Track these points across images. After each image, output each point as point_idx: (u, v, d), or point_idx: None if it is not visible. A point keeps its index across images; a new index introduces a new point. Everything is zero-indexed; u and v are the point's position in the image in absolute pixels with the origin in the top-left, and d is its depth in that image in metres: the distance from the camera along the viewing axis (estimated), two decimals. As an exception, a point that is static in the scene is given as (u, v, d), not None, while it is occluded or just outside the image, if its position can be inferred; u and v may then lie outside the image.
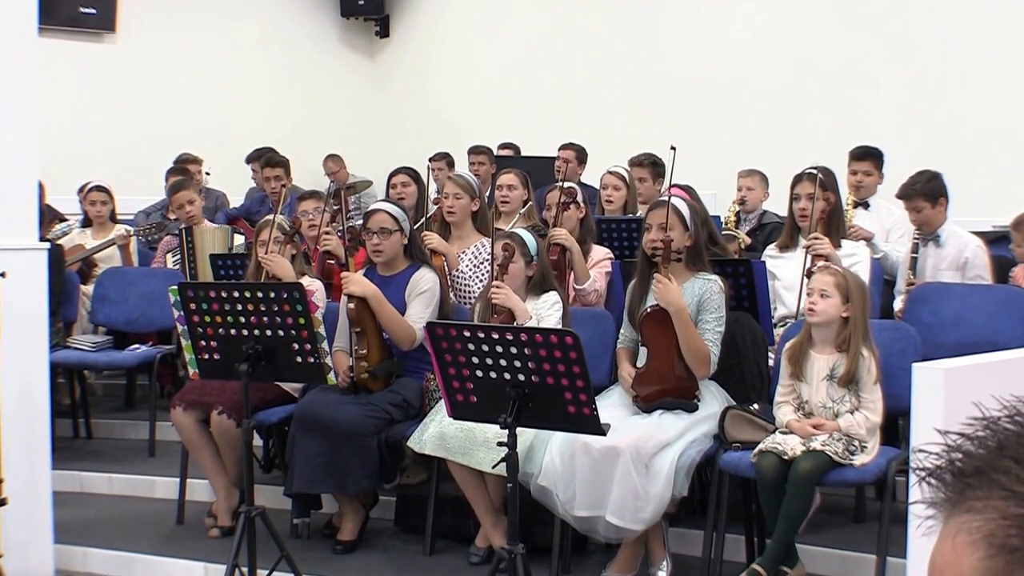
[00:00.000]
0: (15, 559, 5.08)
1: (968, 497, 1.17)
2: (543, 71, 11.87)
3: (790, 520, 4.73)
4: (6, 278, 4.91)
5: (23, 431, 5.25)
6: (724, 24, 10.53)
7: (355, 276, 5.68)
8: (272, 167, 9.32)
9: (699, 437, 5.06)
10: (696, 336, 5.08)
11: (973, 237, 6.53)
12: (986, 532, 1.13)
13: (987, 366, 4.15)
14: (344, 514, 5.80)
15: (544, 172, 8.45)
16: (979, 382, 3.95)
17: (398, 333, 5.67)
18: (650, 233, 5.27)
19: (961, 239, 6.47)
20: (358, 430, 5.49)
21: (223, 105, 12.35)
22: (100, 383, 9.06)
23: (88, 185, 8.79)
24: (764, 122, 9.97)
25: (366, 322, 5.66)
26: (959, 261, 6.41)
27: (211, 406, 5.84)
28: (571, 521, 5.02)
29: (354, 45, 13.71)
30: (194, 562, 5.64)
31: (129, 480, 6.89)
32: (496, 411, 4.15)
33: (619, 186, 7.48)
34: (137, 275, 8.12)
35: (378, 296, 5.64)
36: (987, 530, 1.13)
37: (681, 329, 5.05)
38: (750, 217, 8.00)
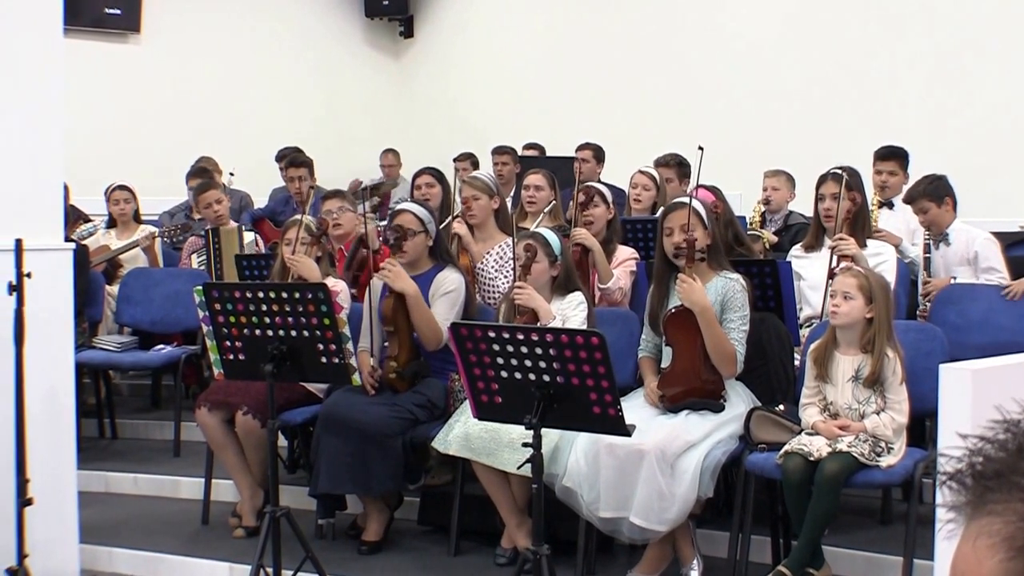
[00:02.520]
0: (41, 559, 5.09)
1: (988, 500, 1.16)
2: (567, 71, 11.86)
3: (816, 521, 4.71)
4: (32, 278, 4.92)
5: (49, 431, 5.27)
6: (749, 23, 10.49)
7: (400, 270, 5.67)
8: (296, 167, 9.33)
9: (724, 438, 5.05)
10: (722, 335, 5.06)
11: (980, 231, 6.54)
12: (1006, 535, 1.13)
13: (1015, 367, 4.12)
14: (369, 514, 5.80)
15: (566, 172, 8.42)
16: (1006, 383, 3.93)
17: (427, 334, 5.66)
18: (672, 237, 5.25)
19: (968, 234, 6.48)
20: (383, 431, 5.49)
21: (247, 105, 12.38)
22: (125, 383, 9.09)
23: (112, 185, 8.83)
24: (790, 122, 9.94)
25: (399, 321, 5.66)
26: (968, 256, 6.42)
27: (236, 406, 5.85)
28: (595, 522, 5.01)
29: (378, 45, 13.73)
30: (219, 562, 5.65)
31: (154, 480, 6.91)
32: (521, 412, 4.15)
33: (648, 186, 7.48)
34: (162, 276, 8.15)
35: (418, 295, 5.64)
36: (1007, 533, 1.13)
37: (707, 329, 5.04)
38: (776, 217, 7.98)
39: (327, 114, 12.86)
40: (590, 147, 9.81)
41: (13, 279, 4.86)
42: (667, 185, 7.78)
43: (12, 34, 5.23)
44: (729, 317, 5.12)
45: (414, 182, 8.09)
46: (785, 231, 7.76)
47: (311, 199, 8.28)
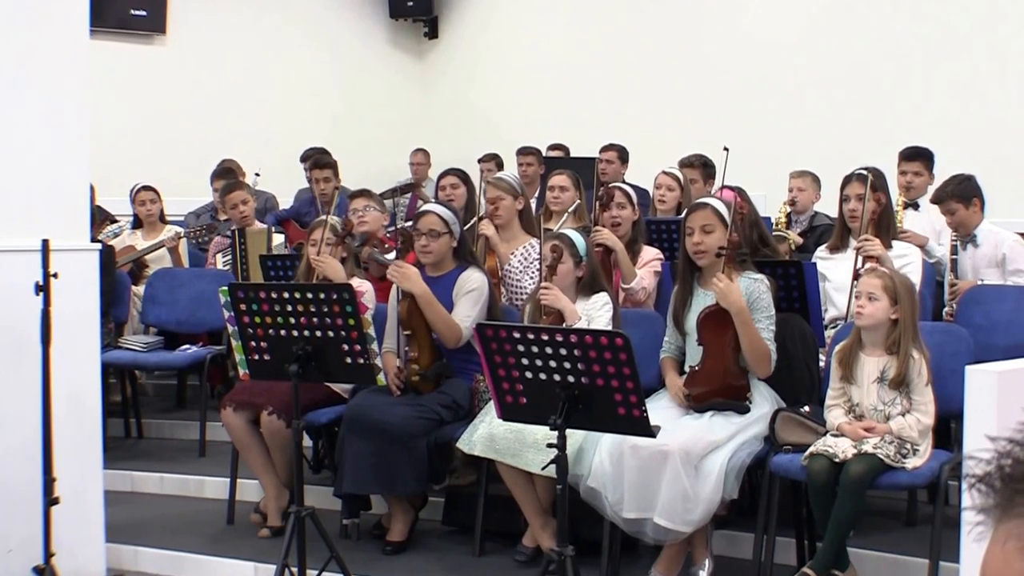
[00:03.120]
0: (67, 558, 5.12)
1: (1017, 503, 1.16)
2: (592, 71, 11.85)
3: (841, 523, 4.69)
4: (58, 279, 4.94)
5: (75, 431, 5.29)
6: (773, 23, 10.47)
7: (410, 271, 5.68)
8: (321, 168, 9.35)
9: (749, 439, 5.04)
10: (758, 335, 5.06)
11: (1009, 233, 6.51)
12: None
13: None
14: (393, 515, 5.81)
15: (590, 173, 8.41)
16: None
17: (444, 332, 5.68)
18: (692, 237, 5.26)
19: (997, 236, 6.46)
20: (407, 431, 5.50)
21: (272, 106, 12.41)
22: (151, 383, 9.13)
23: (137, 186, 8.87)
24: (815, 123, 9.91)
25: (416, 324, 5.67)
26: (997, 258, 6.40)
27: (261, 407, 5.87)
28: (620, 523, 5.00)
29: (403, 46, 13.74)
30: (244, 562, 5.66)
31: (179, 480, 6.93)
32: (545, 412, 4.15)
33: (673, 187, 7.47)
34: (187, 276, 8.18)
35: (427, 295, 5.65)
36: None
37: (743, 328, 5.03)
38: (801, 218, 7.97)
39: (352, 115, 12.88)
40: (614, 148, 9.83)
41: (40, 279, 4.89)
42: (692, 186, 7.77)
43: (39, 36, 5.26)
44: (756, 318, 5.11)
45: (439, 183, 8.10)
46: (810, 232, 7.75)
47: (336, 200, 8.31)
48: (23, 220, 5.19)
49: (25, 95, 5.25)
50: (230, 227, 8.45)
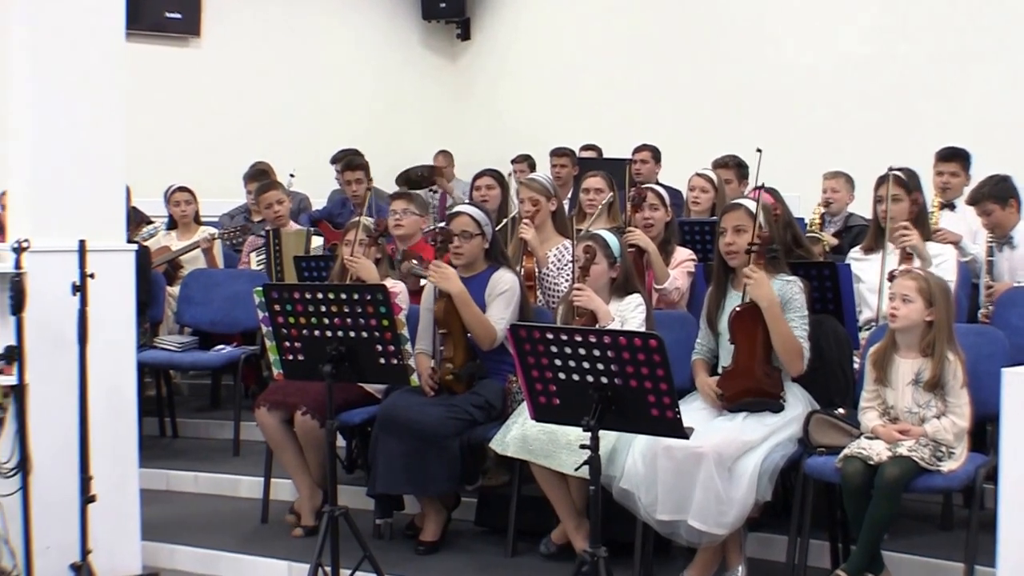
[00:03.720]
0: (103, 555, 5.16)
1: None
2: (625, 72, 11.83)
3: (876, 526, 4.67)
4: (95, 279, 4.98)
5: (111, 430, 5.34)
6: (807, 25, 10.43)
7: (448, 271, 5.70)
8: (353, 170, 9.36)
9: (783, 441, 5.02)
10: (789, 330, 5.05)
11: None
12: None
13: (1079, 371, 4.09)
14: (426, 515, 5.82)
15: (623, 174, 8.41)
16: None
17: (479, 332, 5.68)
18: (725, 237, 5.26)
19: None
20: (440, 431, 5.51)
21: (305, 108, 12.44)
22: (186, 383, 9.17)
23: (172, 187, 8.92)
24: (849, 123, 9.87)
25: (452, 324, 5.68)
26: None
27: (295, 406, 5.89)
28: (653, 524, 5.00)
29: (435, 48, 13.76)
30: (278, 561, 5.68)
31: (214, 479, 6.97)
32: (579, 413, 4.15)
33: (707, 188, 7.44)
34: (222, 276, 8.22)
35: (464, 295, 5.66)
36: None
37: (773, 323, 5.03)
38: (835, 219, 7.94)
39: (384, 116, 12.90)
40: (648, 148, 9.82)
41: (77, 279, 4.93)
42: (726, 187, 7.75)
43: (76, 38, 5.31)
44: (789, 317, 5.10)
45: (474, 183, 8.11)
46: (845, 233, 7.71)
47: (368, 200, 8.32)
48: (60, 221, 5.23)
49: (62, 97, 5.29)
50: (264, 227, 8.49)
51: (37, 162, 5.27)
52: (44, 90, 5.28)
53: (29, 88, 5.28)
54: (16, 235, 5.13)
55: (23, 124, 5.31)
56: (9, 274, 5.03)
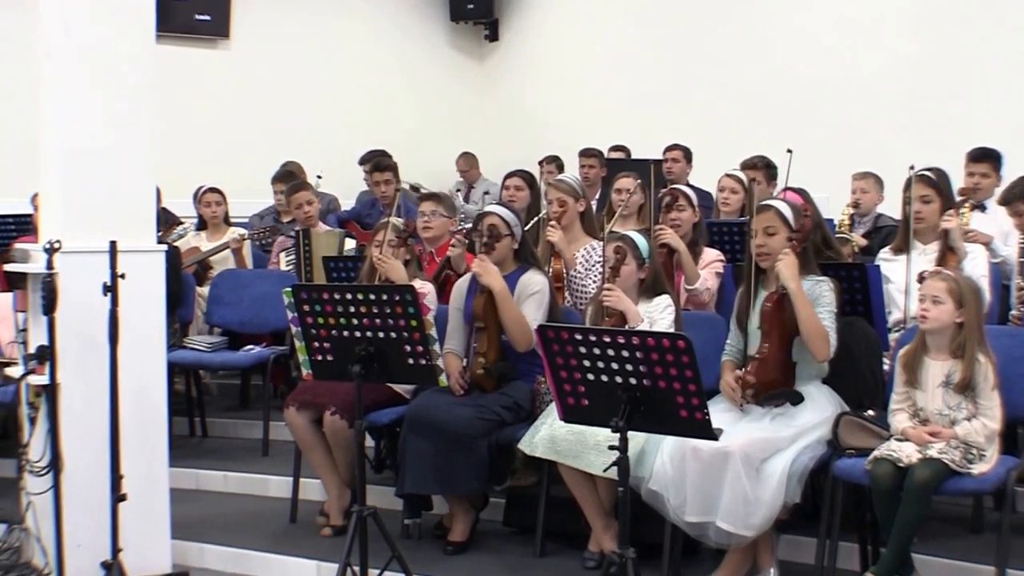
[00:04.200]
0: (134, 553, 5.18)
1: None
2: (653, 73, 11.81)
3: (906, 529, 4.65)
4: (125, 279, 5.01)
5: (141, 429, 5.36)
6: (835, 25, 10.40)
7: (490, 266, 5.70)
8: (381, 171, 9.38)
9: (812, 443, 5.01)
10: (815, 315, 5.03)
11: None
12: None
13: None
14: (454, 515, 5.82)
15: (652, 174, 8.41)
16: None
17: (516, 332, 5.67)
18: (756, 238, 5.25)
19: None
20: (469, 432, 5.51)
21: (334, 109, 12.48)
22: (215, 383, 9.20)
23: (203, 188, 8.95)
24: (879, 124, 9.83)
25: (490, 319, 5.68)
26: None
27: (324, 407, 5.90)
28: (682, 526, 4.99)
29: (463, 49, 13.78)
30: (307, 560, 5.70)
31: (243, 478, 6.99)
32: (607, 414, 4.14)
33: (736, 189, 7.44)
34: (251, 277, 8.26)
35: (505, 292, 5.67)
36: None
37: (800, 305, 5.01)
38: (864, 220, 7.91)
39: (413, 117, 12.92)
40: (679, 148, 9.82)
41: (108, 280, 4.95)
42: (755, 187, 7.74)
43: (107, 40, 5.33)
44: (818, 311, 5.08)
45: (504, 183, 8.11)
46: (874, 234, 7.69)
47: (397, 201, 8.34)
48: (91, 222, 5.26)
49: (93, 99, 5.32)
50: (293, 228, 8.51)
51: (68, 164, 5.30)
52: (75, 92, 5.31)
53: (60, 90, 5.32)
54: (48, 236, 5.16)
55: (54, 126, 5.34)
56: (41, 274, 5.07)
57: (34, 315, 5.34)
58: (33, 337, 5.35)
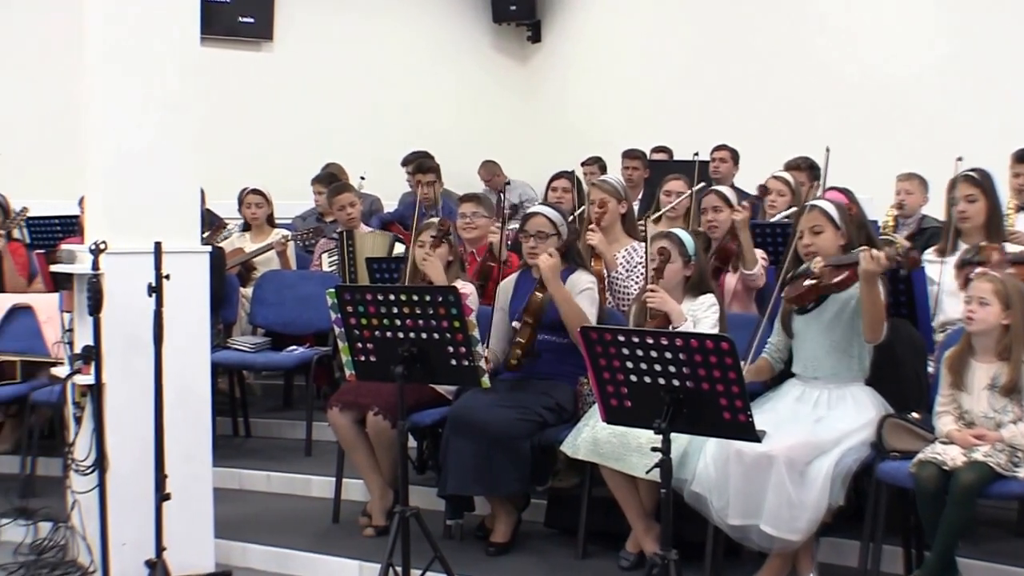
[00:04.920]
0: (177, 552, 5.21)
1: None
2: (695, 73, 11.78)
3: (950, 533, 4.61)
4: (170, 280, 5.04)
5: (185, 429, 5.40)
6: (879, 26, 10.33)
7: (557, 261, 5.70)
8: (424, 173, 9.41)
9: (856, 445, 4.98)
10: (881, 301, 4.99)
11: None
12: None
13: None
14: (496, 516, 5.83)
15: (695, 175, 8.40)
16: None
17: (572, 317, 5.65)
18: (802, 239, 5.24)
19: None
20: (511, 433, 5.52)
21: (377, 111, 12.53)
22: (259, 383, 9.24)
23: (246, 190, 9.00)
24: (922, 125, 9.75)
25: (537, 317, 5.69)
26: None
27: (367, 407, 5.92)
28: (725, 529, 4.97)
29: (506, 50, 13.79)
30: (349, 560, 5.72)
31: (286, 479, 7.02)
32: (650, 416, 4.14)
33: (783, 191, 7.43)
34: (294, 278, 8.29)
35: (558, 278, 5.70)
36: None
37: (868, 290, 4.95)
38: (908, 221, 7.86)
39: (455, 119, 12.94)
40: (727, 148, 9.79)
41: (152, 281, 4.99)
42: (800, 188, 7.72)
43: (152, 43, 5.37)
44: None
45: (550, 184, 8.11)
46: (918, 235, 7.64)
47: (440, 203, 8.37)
48: (137, 223, 5.30)
49: (138, 102, 5.36)
50: (336, 229, 8.54)
51: (114, 166, 5.35)
52: (120, 94, 5.35)
53: (105, 92, 5.36)
54: (94, 237, 5.20)
55: (100, 128, 5.39)
56: (87, 275, 5.11)
57: (80, 315, 5.38)
58: (79, 337, 5.39)
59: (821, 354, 5.26)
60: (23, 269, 8.04)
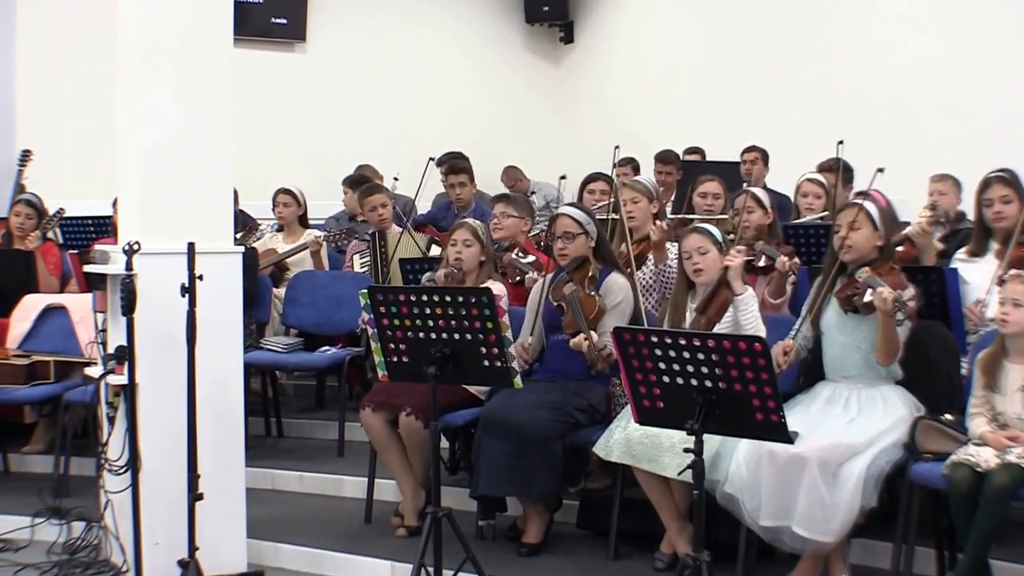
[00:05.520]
0: (210, 552, 5.23)
1: None
2: (727, 74, 11.74)
3: (983, 535, 4.58)
4: (203, 281, 5.06)
5: (218, 429, 5.41)
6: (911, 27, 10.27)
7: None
8: (456, 174, 9.41)
9: (888, 446, 4.96)
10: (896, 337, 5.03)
11: None
12: None
13: None
14: (528, 517, 5.83)
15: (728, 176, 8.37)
16: None
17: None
18: (840, 232, 5.23)
19: None
20: (544, 434, 5.52)
21: (409, 112, 12.54)
22: (291, 383, 9.27)
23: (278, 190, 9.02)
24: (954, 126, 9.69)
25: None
26: None
27: (400, 407, 5.93)
28: (757, 530, 4.96)
29: (538, 51, 13.78)
30: (381, 561, 5.73)
31: (318, 479, 7.04)
32: (683, 417, 4.14)
33: (819, 194, 7.39)
34: (327, 279, 8.31)
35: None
36: None
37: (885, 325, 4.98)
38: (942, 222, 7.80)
39: (488, 120, 12.95)
40: (757, 150, 9.75)
41: (186, 281, 5.01)
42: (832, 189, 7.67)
43: (186, 45, 5.40)
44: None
45: (586, 187, 8.11)
46: (952, 237, 7.59)
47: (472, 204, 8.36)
48: (170, 224, 5.32)
49: (171, 102, 5.38)
50: (368, 230, 8.56)
51: (147, 166, 5.37)
52: (153, 95, 5.37)
53: (138, 93, 5.39)
54: (127, 237, 5.23)
55: (133, 129, 5.41)
56: (120, 276, 5.13)
57: (113, 316, 5.41)
58: (112, 337, 5.42)
59: (851, 352, 5.25)
60: (56, 269, 8.11)
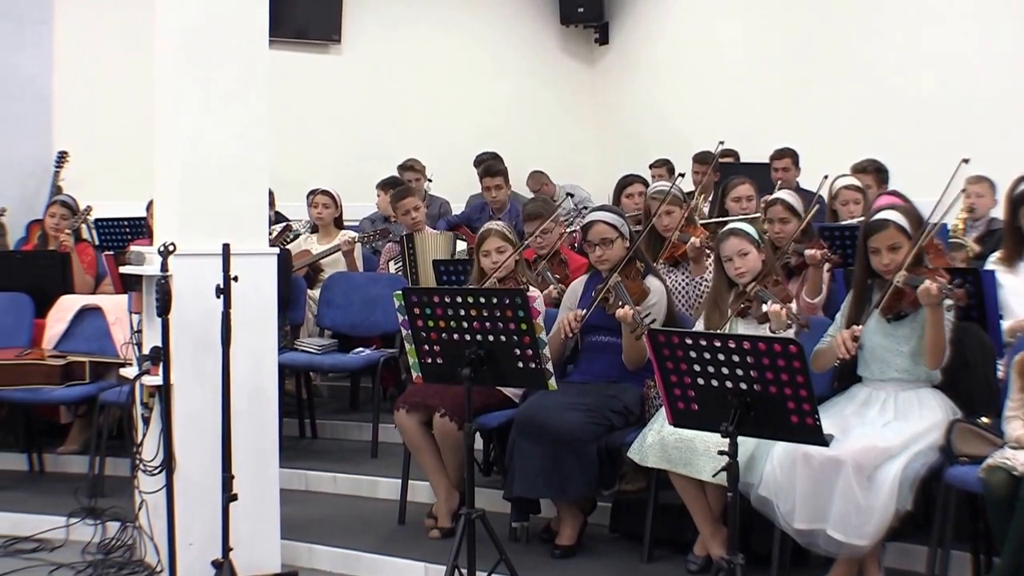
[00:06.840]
0: (244, 553, 5.26)
1: None
2: (763, 76, 11.70)
3: (1020, 539, 4.54)
4: (238, 282, 5.08)
5: (253, 430, 5.44)
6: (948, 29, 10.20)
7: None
8: (491, 176, 9.41)
9: (924, 449, 4.93)
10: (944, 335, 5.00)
11: None
12: None
13: None
14: (563, 519, 5.82)
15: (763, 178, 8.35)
16: None
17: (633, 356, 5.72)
18: (879, 256, 5.19)
19: None
20: (578, 436, 5.51)
21: (444, 113, 12.56)
22: (325, 385, 9.29)
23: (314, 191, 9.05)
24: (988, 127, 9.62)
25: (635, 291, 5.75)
26: None
27: (434, 409, 5.94)
28: (792, 533, 4.93)
29: (573, 52, 13.77)
30: (415, 562, 5.72)
31: (352, 480, 7.05)
32: (717, 419, 4.13)
33: (858, 199, 7.33)
34: (361, 280, 8.32)
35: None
36: None
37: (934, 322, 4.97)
38: (978, 224, 7.77)
39: (523, 121, 12.95)
40: (788, 154, 9.70)
41: (221, 282, 5.03)
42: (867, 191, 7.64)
43: (222, 47, 5.42)
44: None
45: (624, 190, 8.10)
46: (987, 238, 7.55)
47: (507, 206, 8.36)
48: (205, 225, 5.35)
49: (207, 105, 5.41)
50: (401, 232, 8.57)
51: (183, 168, 5.39)
52: (190, 98, 5.40)
53: (175, 96, 5.42)
54: (162, 239, 5.25)
55: (170, 132, 5.45)
56: (155, 277, 5.16)
57: (148, 317, 5.44)
58: (147, 338, 5.45)
59: (892, 356, 5.22)
60: (91, 269, 8.17)
